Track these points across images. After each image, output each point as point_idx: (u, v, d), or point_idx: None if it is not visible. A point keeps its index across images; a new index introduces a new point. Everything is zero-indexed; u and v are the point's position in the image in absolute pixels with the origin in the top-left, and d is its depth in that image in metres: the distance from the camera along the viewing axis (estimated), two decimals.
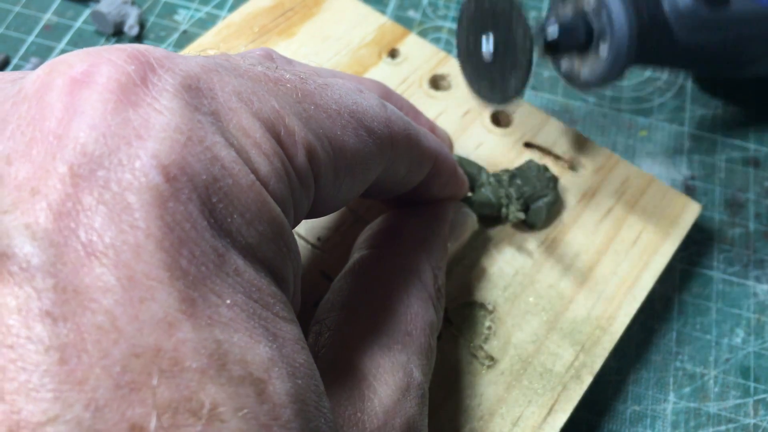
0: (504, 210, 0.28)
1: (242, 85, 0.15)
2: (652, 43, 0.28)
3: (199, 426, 0.11)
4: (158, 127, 0.13)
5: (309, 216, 0.19)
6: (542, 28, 0.27)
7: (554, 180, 0.29)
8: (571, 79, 0.30)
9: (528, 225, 0.29)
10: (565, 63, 0.30)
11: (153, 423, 0.11)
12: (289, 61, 0.22)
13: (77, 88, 0.13)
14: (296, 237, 0.28)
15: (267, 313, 0.14)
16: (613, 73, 0.27)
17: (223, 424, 0.12)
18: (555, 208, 0.29)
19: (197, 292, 0.12)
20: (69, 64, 0.14)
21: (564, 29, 0.27)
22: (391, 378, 0.18)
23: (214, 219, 0.13)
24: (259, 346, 0.13)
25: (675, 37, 0.28)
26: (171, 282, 0.12)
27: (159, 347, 0.12)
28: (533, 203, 0.29)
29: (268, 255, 0.14)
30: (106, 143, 0.13)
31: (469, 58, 0.27)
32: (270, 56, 0.20)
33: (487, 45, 0.25)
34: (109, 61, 0.14)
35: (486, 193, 0.28)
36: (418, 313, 0.20)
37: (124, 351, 0.11)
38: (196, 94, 0.14)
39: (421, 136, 0.22)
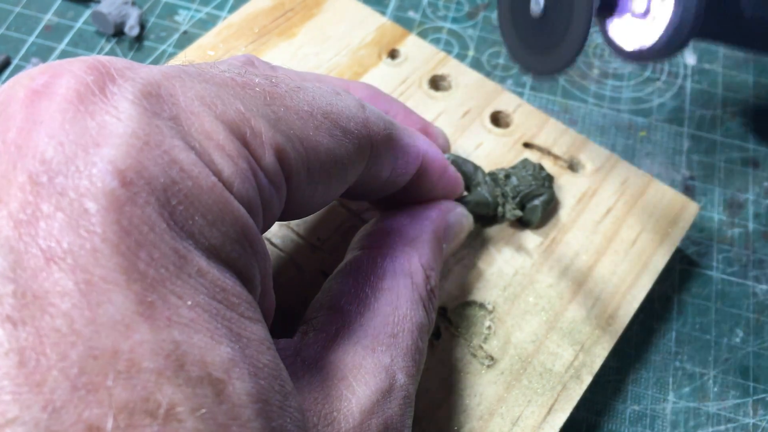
0: (500, 209, 0.28)
1: (206, 89, 0.16)
2: (717, 14, 0.25)
3: (156, 426, 0.12)
4: (115, 134, 0.13)
5: (287, 217, 0.19)
6: None
7: (549, 178, 0.29)
8: (619, 48, 0.26)
9: (524, 223, 0.29)
10: (615, 28, 0.25)
11: (110, 423, 0.11)
12: (273, 68, 0.22)
13: (37, 99, 0.14)
14: (296, 237, 0.28)
15: (231, 314, 0.14)
16: (674, 43, 0.23)
17: (180, 424, 0.12)
18: (551, 206, 0.29)
19: (156, 294, 0.13)
20: (31, 77, 0.14)
21: None
22: (371, 379, 0.18)
23: (174, 221, 0.13)
24: (220, 346, 0.13)
25: (741, 9, 0.25)
26: (128, 285, 0.12)
27: (116, 349, 0.12)
28: (529, 202, 0.29)
29: (233, 255, 0.15)
30: (64, 151, 0.13)
31: (512, 17, 0.23)
32: (251, 62, 0.20)
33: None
34: (69, 72, 0.14)
35: (482, 192, 0.28)
36: (406, 315, 0.20)
37: (82, 353, 0.12)
38: (156, 100, 0.14)
39: (405, 135, 0.22)
